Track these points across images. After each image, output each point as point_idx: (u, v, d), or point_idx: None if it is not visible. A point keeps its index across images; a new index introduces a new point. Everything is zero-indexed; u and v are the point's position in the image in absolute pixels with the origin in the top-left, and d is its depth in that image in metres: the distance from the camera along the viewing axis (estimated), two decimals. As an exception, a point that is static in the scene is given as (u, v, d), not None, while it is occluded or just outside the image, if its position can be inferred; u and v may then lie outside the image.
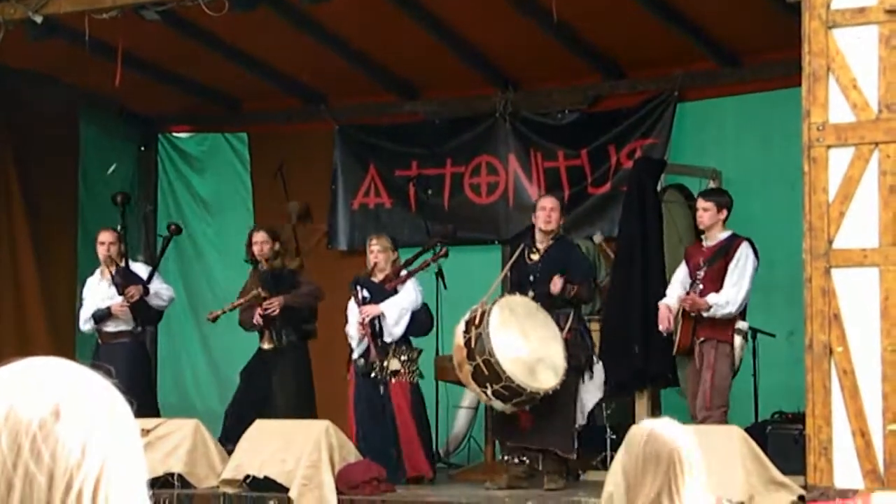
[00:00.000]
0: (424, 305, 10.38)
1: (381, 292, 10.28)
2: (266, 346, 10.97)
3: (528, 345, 9.44)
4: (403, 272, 10.43)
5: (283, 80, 12.91)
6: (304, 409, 10.63)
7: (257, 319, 10.85)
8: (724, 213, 9.60)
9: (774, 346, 10.47)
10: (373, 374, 10.18)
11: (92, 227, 12.31)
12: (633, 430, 4.05)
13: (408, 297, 10.26)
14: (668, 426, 4.07)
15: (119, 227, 11.47)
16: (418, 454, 10.12)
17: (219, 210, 13.92)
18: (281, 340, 10.92)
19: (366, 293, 10.29)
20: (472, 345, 9.33)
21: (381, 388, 10.17)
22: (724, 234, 9.61)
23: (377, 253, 10.41)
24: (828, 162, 7.73)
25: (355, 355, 10.34)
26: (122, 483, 1.47)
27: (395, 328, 10.16)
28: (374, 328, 10.19)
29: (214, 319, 11.17)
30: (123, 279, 10.96)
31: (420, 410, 10.29)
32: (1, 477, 1.43)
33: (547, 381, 9.35)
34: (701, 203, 9.67)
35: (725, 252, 9.46)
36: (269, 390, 10.90)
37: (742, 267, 9.39)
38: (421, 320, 10.32)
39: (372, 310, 10.18)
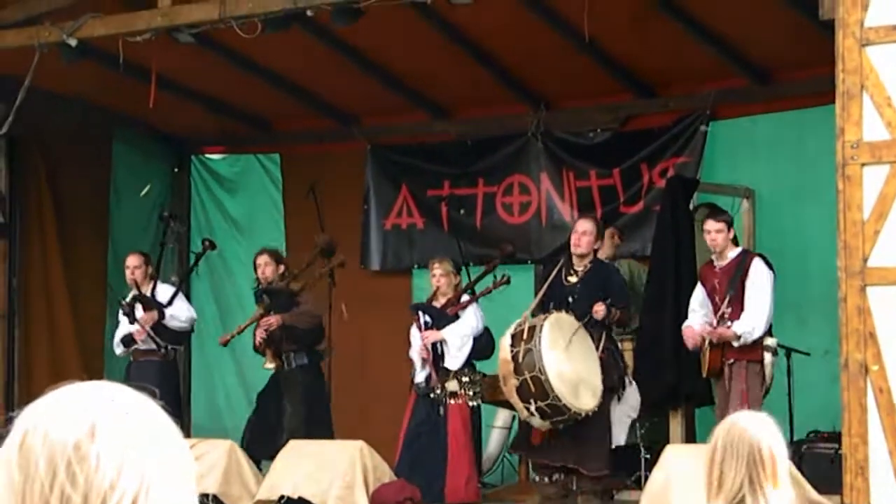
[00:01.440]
0: (486, 330, 10.34)
1: (443, 317, 10.26)
2: (269, 365, 10.95)
3: (573, 364, 9.41)
4: (465, 297, 10.39)
5: (315, 101, 12.95)
6: (317, 431, 10.59)
7: (260, 337, 10.82)
8: (732, 231, 9.56)
9: (810, 364, 10.42)
10: (432, 396, 10.17)
11: (122, 248, 12.42)
12: (719, 424, 4.00)
13: (469, 323, 10.23)
14: (751, 419, 3.97)
15: (167, 245, 11.62)
16: (460, 481, 10.01)
17: (251, 231, 13.96)
18: (290, 363, 10.88)
19: (427, 318, 10.27)
20: (521, 359, 9.29)
21: (441, 409, 10.14)
22: (735, 252, 9.53)
23: (439, 277, 10.37)
24: (862, 180, 7.70)
25: (418, 379, 10.31)
26: (165, 498, 1.48)
27: (457, 355, 10.14)
28: (435, 353, 10.17)
29: (225, 343, 11.22)
30: (133, 307, 10.93)
31: (475, 434, 10.23)
32: (38, 500, 1.45)
33: (587, 403, 9.32)
34: (714, 226, 9.45)
35: (741, 273, 9.39)
36: (281, 413, 10.87)
37: (760, 286, 9.30)
38: (482, 345, 10.28)
39: (434, 335, 10.16)
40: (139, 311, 10.95)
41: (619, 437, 9.83)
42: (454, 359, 10.13)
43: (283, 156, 13.90)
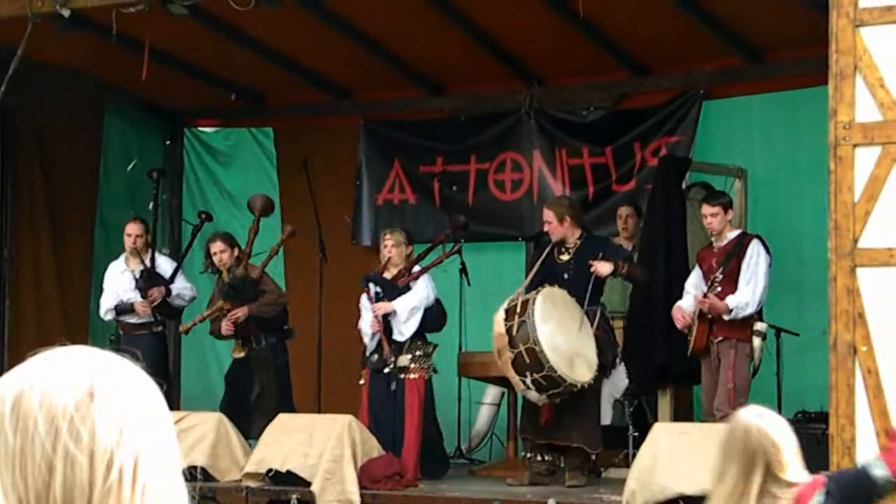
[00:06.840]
0: (437, 301, 10.32)
1: (394, 288, 10.24)
2: (237, 354, 10.94)
3: (567, 338, 9.42)
4: (417, 268, 10.39)
5: (308, 75, 12.92)
6: (285, 407, 10.60)
7: (227, 330, 10.81)
8: (730, 213, 9.59)
9: (807, 345, 10.40)
10: (386, 371, 10.16)
11: (109, 218, 12.49)
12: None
13: (419, 294, 10.20)
14: (759, 416, 3.93)
15: (150, 206, 11.61)
16: (411, 460, 9.98)
17: (245, 204, 13.90)
18: (260, 344, 10.86)
19: (378, 290, 10.27)
20: (515, 332, 9.31)
21: (394, 385, 10.12)
22: (734, 234, 9.60)
23: (390, 247, 10.38)
24: (854, 161, 7.69)
25: (368, 352, 10.30)
26: (158, 462, 1.48)
27: (405, 326, 10.12)
28: (387, 325, 10.16)
29: (187, 332, 11.30)
30: (147, 281, 11.03)
31: (429, 408, 10.22)
32: (41, 461, 1.43)
33: (583, 375, 9.34)
34: (708, 210, 9.55)
35: (738, 251, 9.43)
36: (253, 392, 10.84)
37: (755, 265, 9.36)
38: (433, 316, 10.25)
39: (384, 307, 10.14)
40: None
41: (605, 416, 9.86)
42: (401, 330, 10.12)
43: (277, 130, 13.87)
